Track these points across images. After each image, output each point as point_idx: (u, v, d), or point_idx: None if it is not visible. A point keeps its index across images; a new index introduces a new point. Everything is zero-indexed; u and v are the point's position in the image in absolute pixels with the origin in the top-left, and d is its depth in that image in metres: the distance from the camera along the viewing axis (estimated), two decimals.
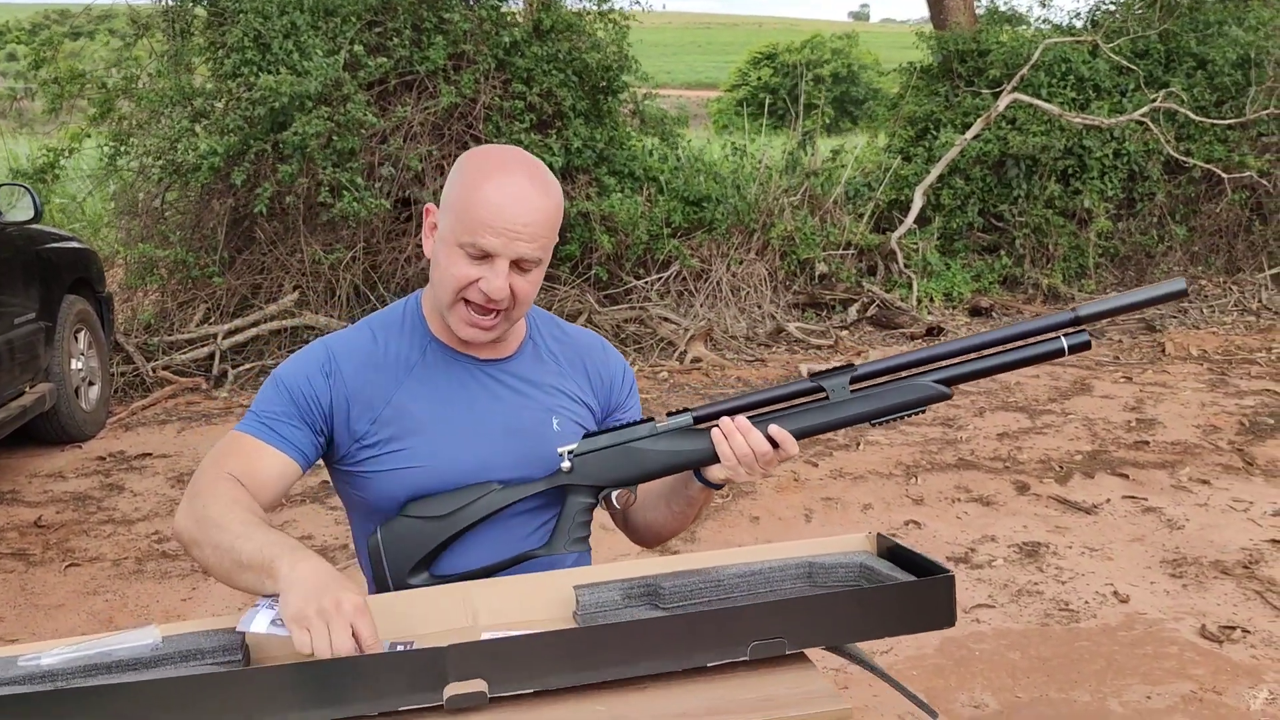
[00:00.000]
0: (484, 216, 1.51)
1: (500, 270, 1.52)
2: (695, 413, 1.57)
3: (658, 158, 8.13)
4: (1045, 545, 3.96)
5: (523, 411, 1.67)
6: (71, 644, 1.38)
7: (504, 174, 1.53)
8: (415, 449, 1.61)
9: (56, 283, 5.19)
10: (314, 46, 6.66)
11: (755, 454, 1.52)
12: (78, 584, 3.73)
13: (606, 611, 1.46)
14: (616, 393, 1.79)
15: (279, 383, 1.61)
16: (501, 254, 1.52)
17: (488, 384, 1.67)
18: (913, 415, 1.55)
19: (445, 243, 1.56)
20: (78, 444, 5.28)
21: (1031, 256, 8.63)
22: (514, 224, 1.51)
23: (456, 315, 1.58)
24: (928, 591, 1.39)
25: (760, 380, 6.45)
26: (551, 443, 1.65)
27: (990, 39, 9.24)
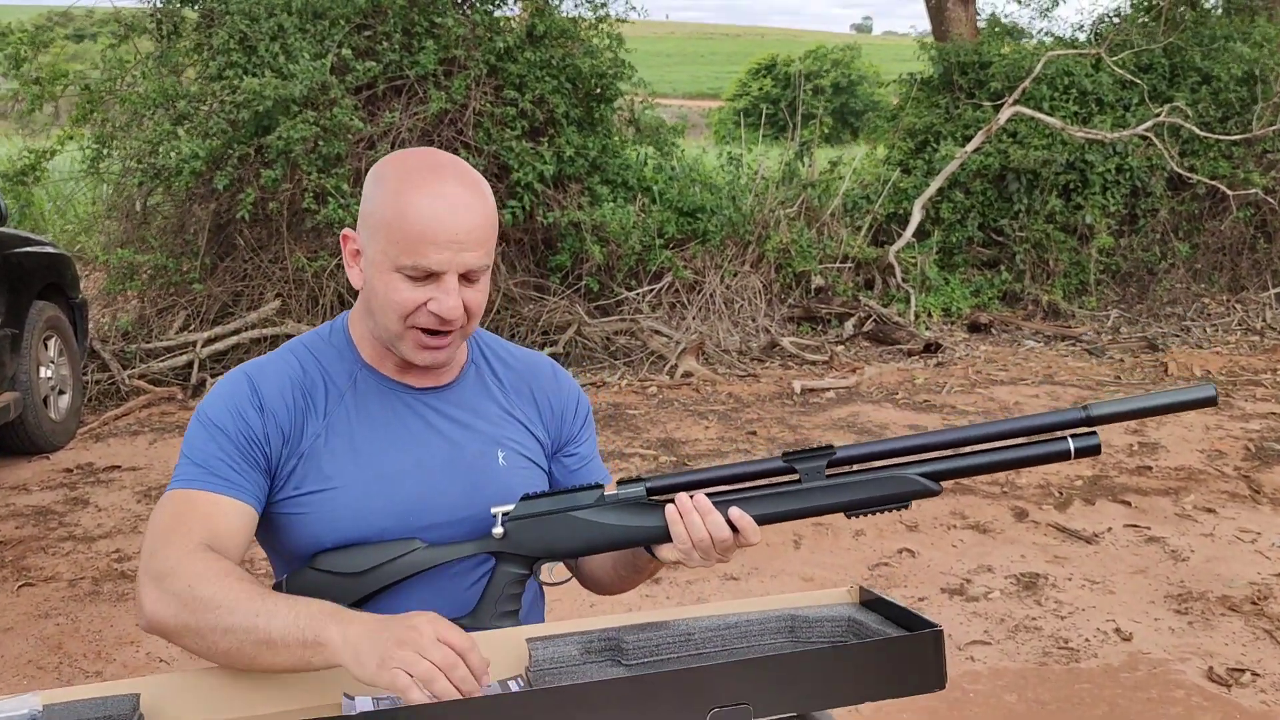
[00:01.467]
0: (422, 232, 1.34)
1: (450, 288, 1.36)
2: (650, 484, 1.39)
3: (652, 167, 7.98)
4: (1044, 576, 3.79)
5: (465, 445, 1.51)
6: None
7: (433, 181, 1.37)
8: (345, 487, 1.43)
9: (25, 288, 5.03)
10: (301, 49, 6.52)
11: (713, 539, 1.34)
12: (29, 605, 3.56)
13: (562, 668, 1.30)
14: (568, 425, 1.62)
15: (210, 425, 1.41)
16: (448, 269, 1.36)
17: (425, 414, 1.50)
18: (894, 510, 1.38)
19: (379, 268, 1.38)
20: (45, 455, 5.11)
21: (1032, 272, 8.47)
22: (456, 235, 1.35)
23: (409, 344, 1.41)
24: (914, 649, 1.24)
25: (752, 396, 6.29)
26: (498, 478, 1.49)
27: (992, 51, 9.11)
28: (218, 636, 1.23)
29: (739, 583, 3.77)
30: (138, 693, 1.23)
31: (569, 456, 1.62)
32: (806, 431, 5.58)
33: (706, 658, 1.33)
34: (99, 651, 3.24)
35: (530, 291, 7.14)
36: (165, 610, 1.26)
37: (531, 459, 1.56)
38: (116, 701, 1.22)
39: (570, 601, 3.50)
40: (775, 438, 5.47)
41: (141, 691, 1.24)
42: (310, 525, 1.43)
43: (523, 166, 6.89)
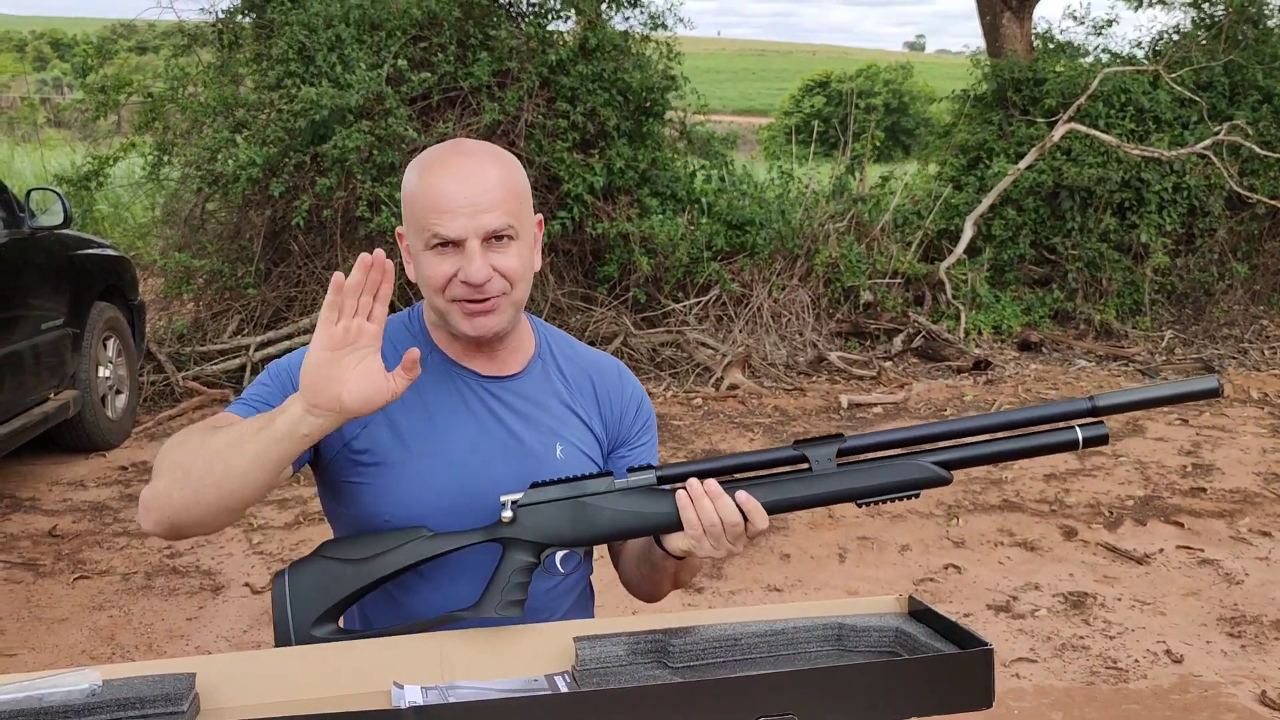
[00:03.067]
0: (436, 203, 1.40)
1: (472, 252, 1.40)
2: (660, 471, 1.39)
3: (702, 180, 8.00)
4: (1093, 596, 3.74)
5: (524, 435, 1.53)
6: (5, 683, 1.25)
7: (445, 158, 1.44)
8: (402, 463, 1.47)
9: (87, 289, 5.14)
10: (358, 60, 6.61)
11: (724, 523, 1.33)
12: (84, 597, 3.63)
13: (608, 668, 1.30)
14: (626, 425, 1.63)
15: (273, 372, 1.49)
16: (468, 235, 1.40)
17: (488, 401, 1.53)
18: (904, 499, 1.37)
19: (416, 253, 1.46)
20: (102, 452, 5.21)
21: (1084, 291, 8.37)
22: (468, 198, 1.39)
23: (457, 317, 1.45)
24: (964, 666, 1.23)
25: (798, 409, 6.26)
26: (553, 470, 1.50)
27: (1047, 68, 9.02)
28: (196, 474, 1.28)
29: (782, 594, 3.76)
30: (194, 672, 1.26)
31: (623, 458, 1.62)
32: None
33: (752, 664, 1.33)
34: (150, 644, 3.30)
35: (578, 302, 7.17)
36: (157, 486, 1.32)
37: (589, 455, 1.58)
38: (173, 680, 1.24)
39: (615, 606, 3.51)
40: None
41: (197, 671, 1.26)
42: (368, 495, 1.48)
43: (573, 178, 6.93)
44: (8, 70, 44.25)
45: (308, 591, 1.38)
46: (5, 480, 4.80)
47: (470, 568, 1.46)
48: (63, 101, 26.10)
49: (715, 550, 1.36)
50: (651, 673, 1.30)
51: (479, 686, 1.28)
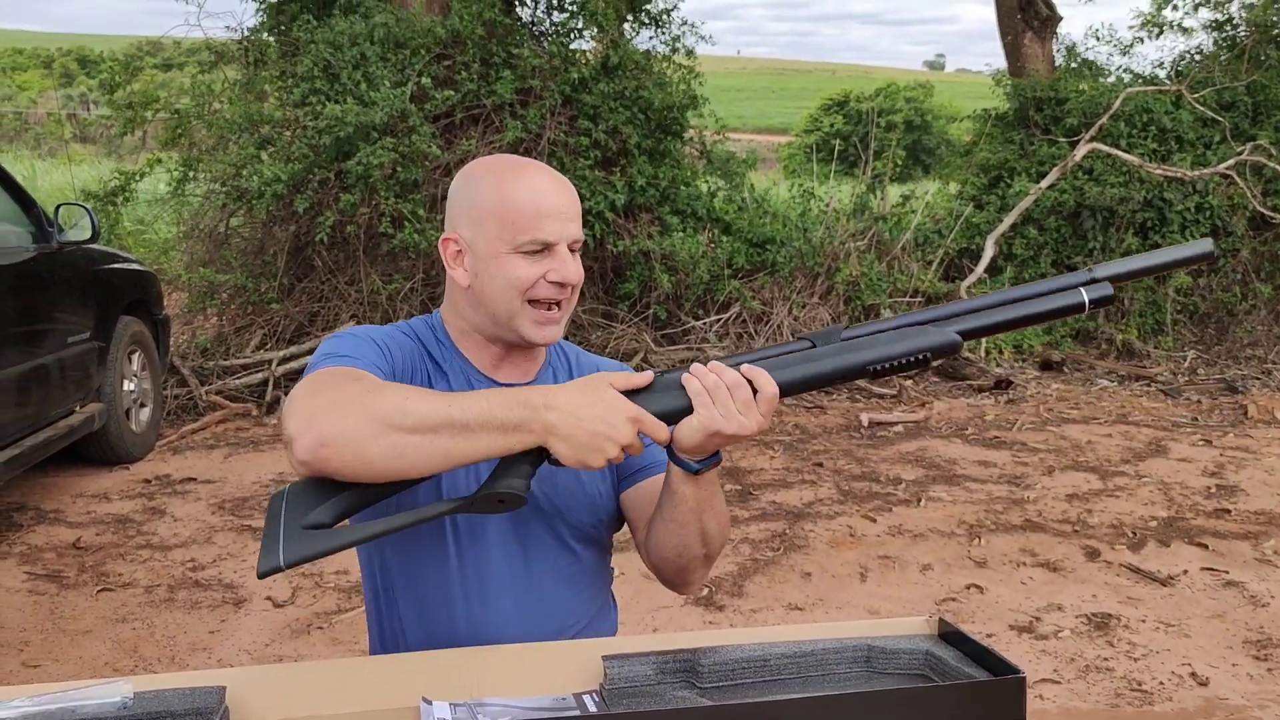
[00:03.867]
0: (536, 208, 1.46)
1: (566, 256, 1.48)
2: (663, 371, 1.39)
3: (722, 198, 8.02)
4: (1116, 617, 3.71)
5: None
6: (37, 694, 1.26)
7: (527, 170, 1.51)
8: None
9: (113, 303, 5.19)
10: (382, 78, 6.67)
11: (729, 387, 1.31)
12: (108, 610, 3.65)
13: (637, 688, 1.30)
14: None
15: (350, 335, 1.48)
16: (561, 238, 1.47)
17: None
18: (917, 371, 1.35)
19: (492, 255, 1.47)
20: (125, 465, 5.25)
21: (1106, 311, 8.33)
22: (563, 207, 1.48)
23: (525, 320, 1.49)
24: (996, 693, 1.22)
25: (818, 427, 6.25)
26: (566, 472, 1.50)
27: (1069, 87, 9.01)
28: (406, 435, 1.22)
29: (804, 613, 3.75)
30: (224, 685, 1.26)
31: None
32: (874, 465, 5.54)
33: (781, 685, 1.32)
34: (173, 656, 3.31)
35: (598, 319, 7.19)
36: (342, 424, 1.22)
37: None
38: (204, 693, 1.25)
39: (636, 623, 3.51)
40: (842, 469, 5.44)
41: (227, 684, 1.27)
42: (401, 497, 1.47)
43: (594, 195, 6.96)
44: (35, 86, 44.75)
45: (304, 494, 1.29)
46: (30, 492, 4.84)
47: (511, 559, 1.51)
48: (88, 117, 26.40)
49: (725, 421, 1.31)
50: (680, 694, 1.29)
51: (507, 704, 1.28)
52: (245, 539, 4.34)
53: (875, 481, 5.26)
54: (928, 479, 5.32)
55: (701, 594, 3.86)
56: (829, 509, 4.83)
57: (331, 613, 3.64)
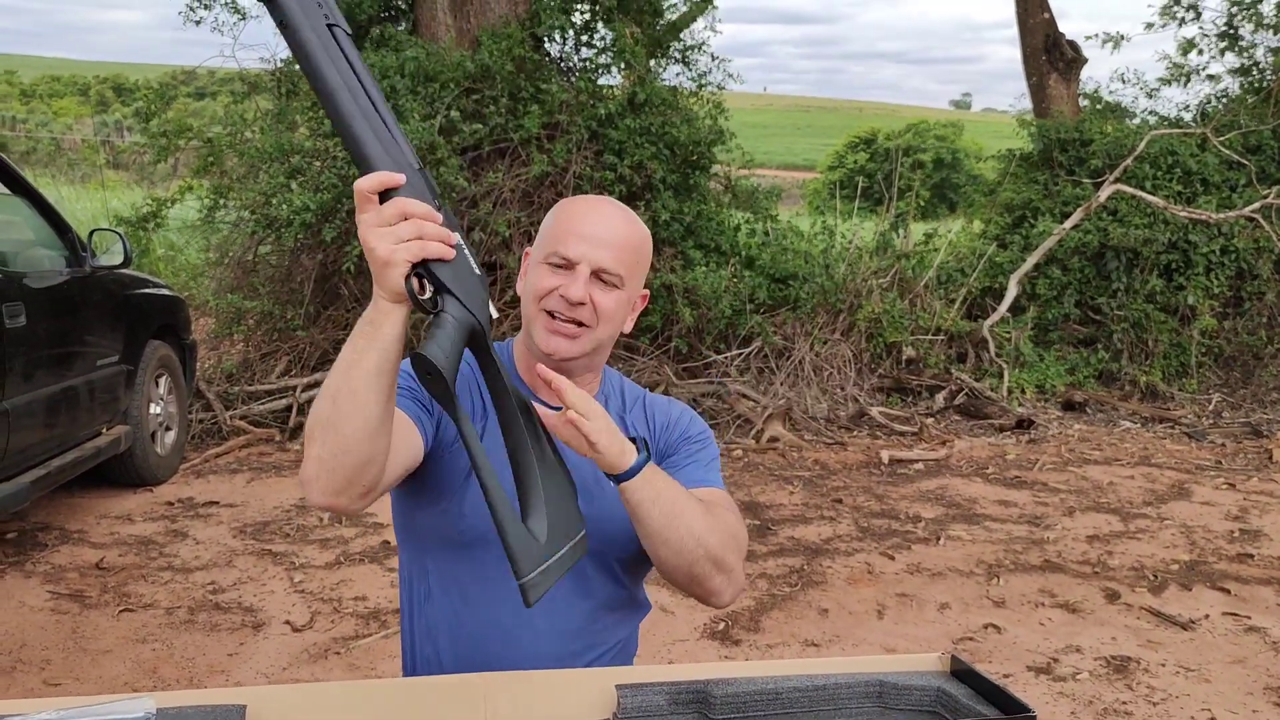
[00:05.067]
0: (569, 226, 1.55)
1: (580, 276, 1.52)
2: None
3: (746, 233, 8.06)
4: (1136, 660, 3.69)
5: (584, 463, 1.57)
6: (62, 707, 1.28)
7: (590, 200, 1.61)
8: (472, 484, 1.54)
9: (142, 327, 5.27)
10: (411, 110, 6.76)
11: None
12: (129, 630, 3.69)
13: (650, 716, 1.32)
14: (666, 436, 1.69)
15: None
16: (583, 260, 1.52)
17: None
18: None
19: (533, 264, 1.59)
20: (150, 487, 5.30)
21: (1130, 352, 8.31)
22: (595, 231, 1.53)
23: (539, 327, 1.55)
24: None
25: (838, 463, 6.25)
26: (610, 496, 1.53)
27: (1093, 129, 9.04)
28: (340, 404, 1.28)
29: (820, 649, 3.74)
30: (244, 704, 1.29)
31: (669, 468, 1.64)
32: (893, 502, 5.53)
33: (793, 718, 1.34)
34: (191, 678, 3.34)
35: (620, 350, 7.22)
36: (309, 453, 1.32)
37: None
38: (225, 711, 1.28)
39: (652, 655, 3.51)
40: (861, 506, 5.43)
41: (248, 703, 1.29)
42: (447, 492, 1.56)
43: None
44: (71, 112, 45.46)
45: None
46: (55, 512, 4.90)
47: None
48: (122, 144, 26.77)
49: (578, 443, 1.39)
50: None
51: None
52: (265, 563, 4.38)
53: (894, 519, 5.25)
54: (947, 517, 5.30)
55: (718, 628, 3.86)
56: (847, 545, 4.82)
57: (349, 638, 3.66)
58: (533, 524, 1.29)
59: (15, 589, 4.03)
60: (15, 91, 63.38)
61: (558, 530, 1.31)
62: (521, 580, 1.23)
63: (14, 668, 3.40)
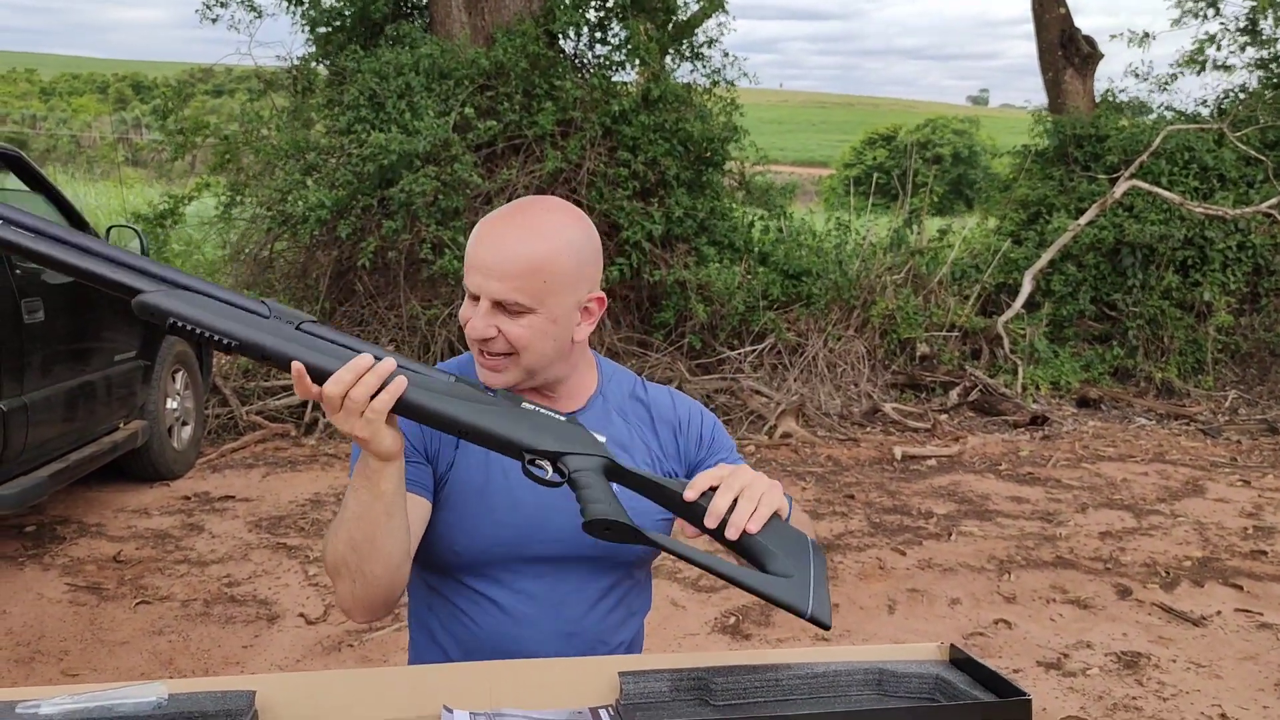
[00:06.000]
0: (470, 256, 1.48)
1: (480, 309, 1.46)
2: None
3: (759, 229, 8.07)
4: (1146, 656, 3.69)
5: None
6: (76, 693, 1.31)
7: (495, 218, 1.50)
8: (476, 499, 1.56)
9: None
10: (426, 107, 6.80)
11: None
12: (145, 622, 3.73)
13: (651, 704, 1.33)
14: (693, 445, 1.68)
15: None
16: (480, 293, 1.46)
17: None
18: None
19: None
20: (166, 482, 5.35)
21: (1145, 348, 8.28)
22: (485, 263, 1.45)
23: (475, 360, 1.54)
24: (1001, 716, 1.24)
25: (851, 460, 6.26)
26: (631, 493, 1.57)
27: (1109, 124, 9.00)
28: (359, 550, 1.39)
29: (830, 644, 3.75)
30: (254, 690, 1.31)
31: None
32: (906, 498, 5.53)
33: (793, 705, 1.35)
34: (206, 669, 3.38)
35: (634, 347, 7.25)
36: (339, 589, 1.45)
37: None
38: (234, 696, 1.30)
39: (663, 646, 3.53)
40: (873, 502, 5.44)
41: (257, 689, 1.32)
42: (441, 528, 1.56)
43: (632, 225, 7.04)
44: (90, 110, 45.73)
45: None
46: (74, 506, 4.95)
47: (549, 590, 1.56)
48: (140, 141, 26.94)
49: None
50: (693, 710, 1.32)
51: (526, 715, 1.32)
52: (280, 557, 4.41)
53: (906, 515, 5.26)
54: (959, 513, 5.30)
55: (729, 622, 3.87)
56: (859, 541, 4.83)
57: (362, 631, 3.69)
58: (775, 567, 1.31)
59: (34, 581, 4.08)
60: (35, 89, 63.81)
61: (793, 554, 1.33)
62: (807, 616, 1.27)
63: (33, 658, 3.45)
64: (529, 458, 1.29)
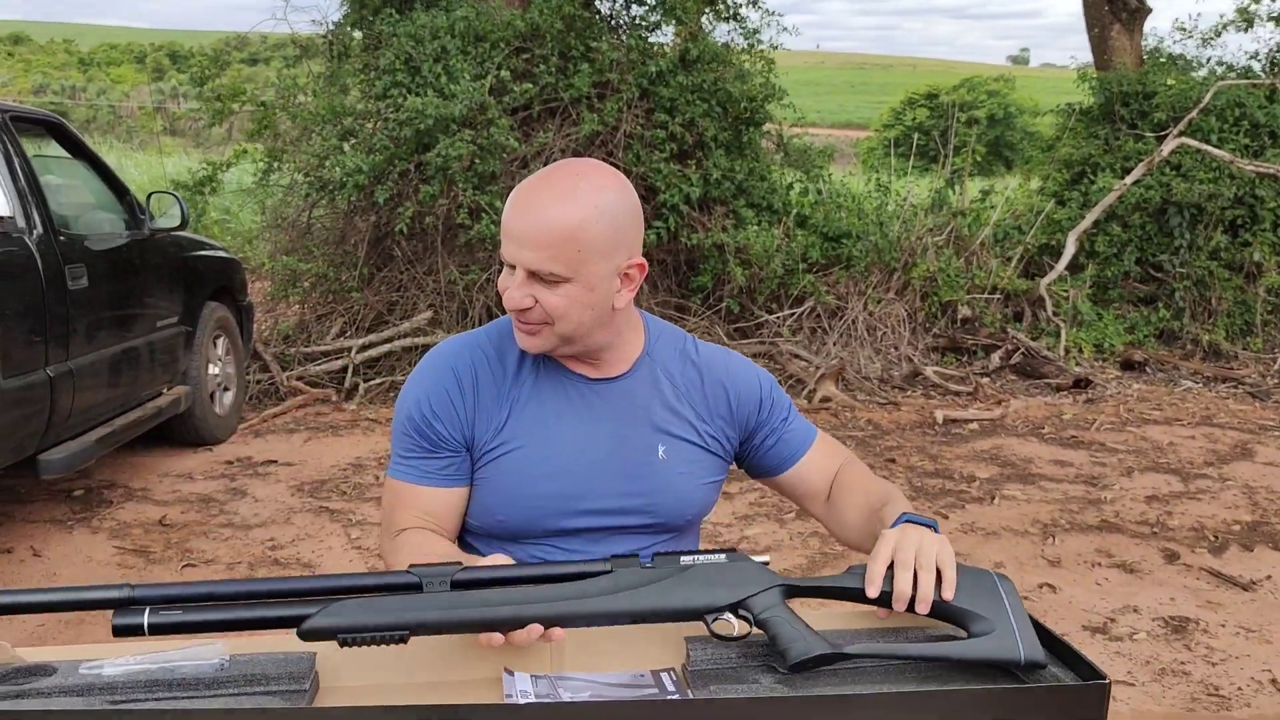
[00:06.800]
0: (505, 225, 1.47)
1: (516, 279, 1.46)
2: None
3: (799, 191, 7.98)
4: (1195, 621, 3.64)
5: (627, 436, 1.58)
6: (138, 654, 1.32)
7: (528, 185, 1.47)
8: (520, 464, 1.55)
9: (200, 289, 5.34)
10: (462, 71, 6.76)
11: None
12: None
13: (720, 669, 1.31)
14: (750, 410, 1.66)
15: (403, 418, 1.59)
16: (515, 263, 1.46)
17: (594, 403, 1.58)
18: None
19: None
20: (209, 447, 5.40)
21: (1192, 310, 8.13)
22: (520, 232, 1.44)
23: (514, 326, 1.54)
24: (1078, 698, 1.19)
25: (891, 424, 6.20)
26: (656, 471, 1.56)
27: (1157, 81, 8.80)
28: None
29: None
30: (314, 652, 1.31)
31: (762, 441, 1.68)
32: (948, 462, 5.48)
33: (863, 674, 1.30)
34: (250, 631, 3.40)
35: (671, 311, 7.21)
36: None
37: (702, 452, 1.62)
38: (296, 659, 1.30)
39: None
40: (915, 466, 5.40)
41: (318, 651, 1.32)
42: (484, 492, 1.56)
43: (669, 188, 6.99)
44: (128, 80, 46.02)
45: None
46: (119, 470, 5.01)
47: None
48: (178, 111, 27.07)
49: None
50: (760, 678, 1.30)
51: (587, 679, 1.30)
52: (323, 520, 4.45)
53: (948, 479, 5.21)
54: (1002, 477, 5.25)
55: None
56: None
57: None
58: (978, 628, 1.29)
59: (83, 544, 4.14)
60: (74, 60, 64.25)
61: (985, 600, 1.31)
62: (1023, 662, 1.24)
63: (82, 620, 3.49)
64: (711, 618, 1.28)
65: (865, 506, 1.57)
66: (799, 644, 1.25)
